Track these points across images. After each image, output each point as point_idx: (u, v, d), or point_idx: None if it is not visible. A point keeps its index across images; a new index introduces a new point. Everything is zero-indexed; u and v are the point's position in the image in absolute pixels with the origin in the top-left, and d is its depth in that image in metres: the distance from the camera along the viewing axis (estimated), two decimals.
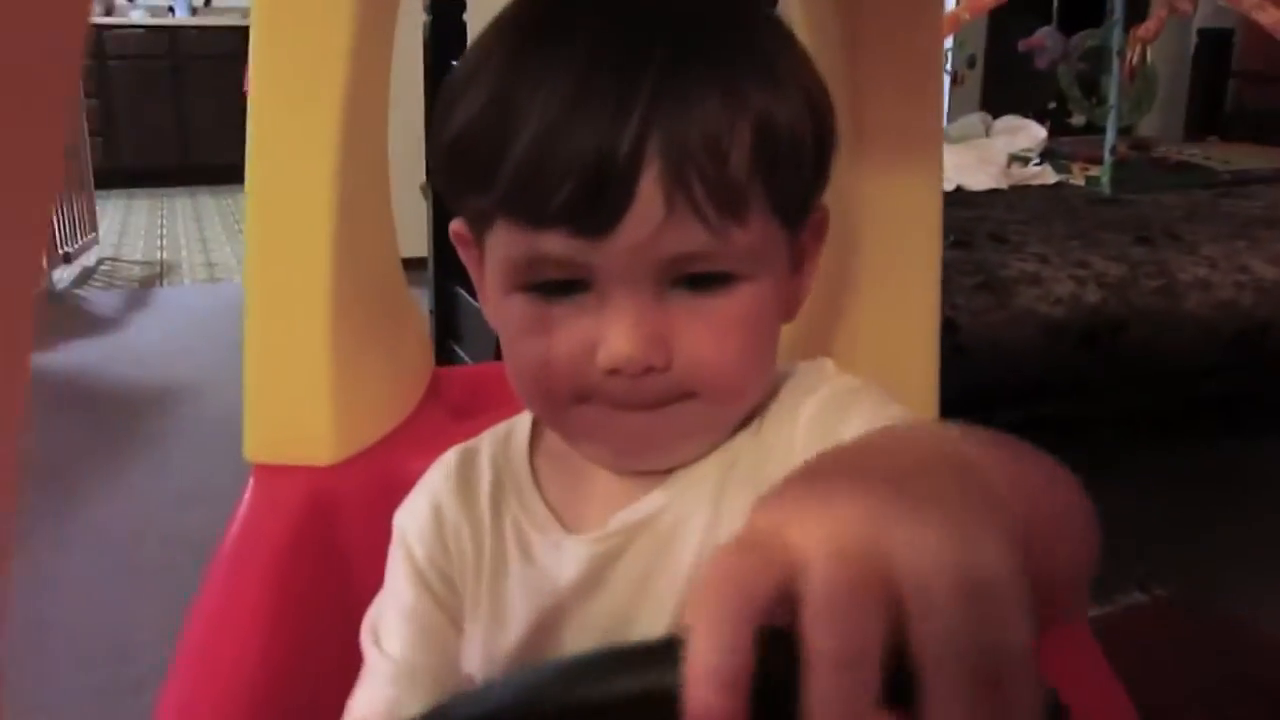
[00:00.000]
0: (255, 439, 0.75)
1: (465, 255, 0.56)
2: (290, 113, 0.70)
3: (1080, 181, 2.37)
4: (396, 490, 0.75)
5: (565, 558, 0.53)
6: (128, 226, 4.81)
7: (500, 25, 0.50)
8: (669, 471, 0.53)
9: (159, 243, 4.48)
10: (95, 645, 1.61)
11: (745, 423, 0.54)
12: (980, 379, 0.79)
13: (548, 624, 0.53)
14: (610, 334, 0.47)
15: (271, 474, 0.74)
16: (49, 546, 1.90)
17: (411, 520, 0.58)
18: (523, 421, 0.59)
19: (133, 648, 1.57)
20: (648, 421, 0.50)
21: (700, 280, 0.47)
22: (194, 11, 5.92)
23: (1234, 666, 1.53)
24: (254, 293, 0.73)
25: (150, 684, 0.62)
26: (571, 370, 0.49)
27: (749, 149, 0.46)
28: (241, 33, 5.44)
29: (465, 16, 2.44)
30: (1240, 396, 1.92)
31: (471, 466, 0.59)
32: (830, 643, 0.25)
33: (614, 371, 0.47)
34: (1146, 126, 3.19)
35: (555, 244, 0.46)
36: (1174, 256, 1.77)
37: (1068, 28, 3.02)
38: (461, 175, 0.49)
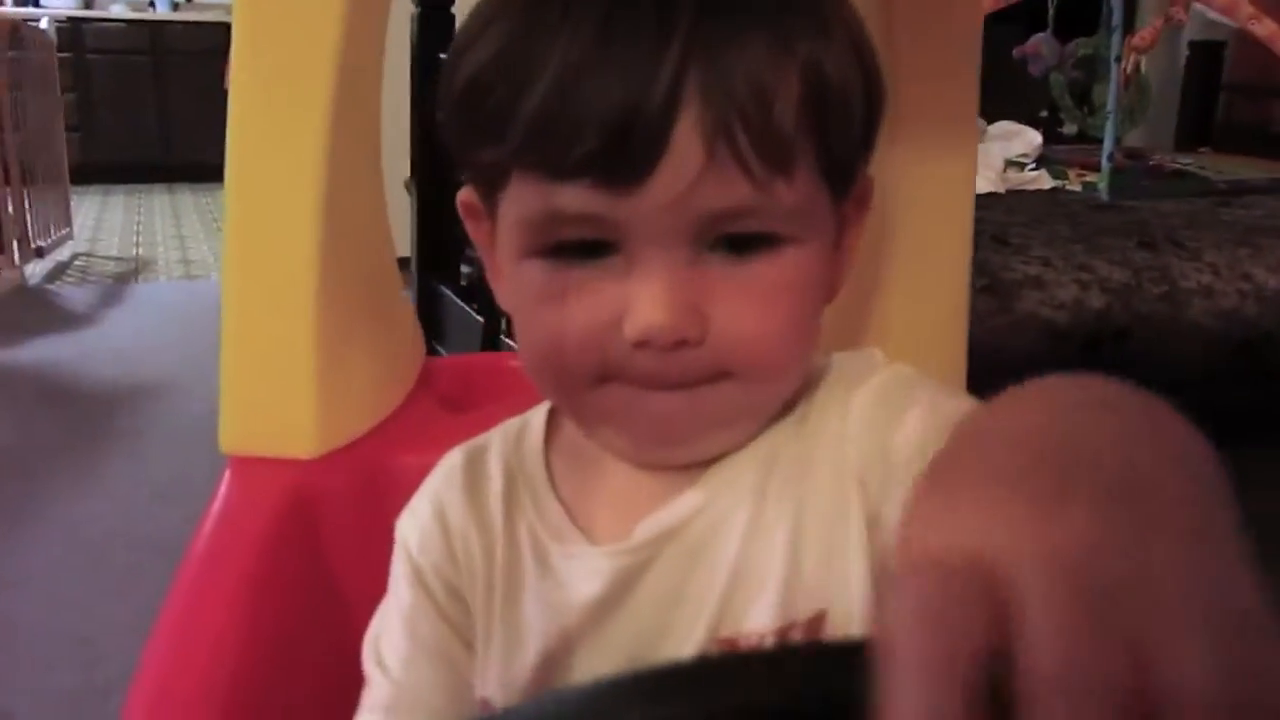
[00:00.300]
0: (232, 430, 0.70)
1: (474, 229, 0.50)
2: (274, 95, 0.66)
3: (1077, 187, 2.35)
4: (384, 485, 0.70)
5: (585, 571, 0.48)
6: (104, 222, 4.74)
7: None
8: (699, 468, 0.47)
9: (135, 239, 4.41)
10: (63, 647, 1.56)
11: (784, 412, 0.48)
12: (982, 384, 0.76)
13: (566, 644, 0.48)
14: (639, 301, 0.42)
15: (249, 467, 0.69)
16: (18, 544, 1.84)
17: (414, 527, 0.52)
18: (537, 417, 0.54)
19: (102, 650, 1.52)
20: (678, 404, 0.44)
21: (741, 241, 0.42)
22: (175, 6, 5.86)
23: None
24: (233, 274, 0.68)
25: (119, 688, 0.58)
26: (594, 343, 0.43)
27: (797, 98, 0.41)
28: (224, 28, 5.41)
29: (454, 9, 2.41)
30: (1242, 406, 1.89)
31: (479, 467, 0.53)
32: (1067, 672, 0.19)
33: (643, 344, 0.42)
34: (1136, 137, 3.18)
35: (577, 198, 0.41)
36: (1177, 263, 1.74)
37: (1062, 35, 3.01)
38: (473, 126, 0.44)
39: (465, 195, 0.50)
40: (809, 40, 0.42)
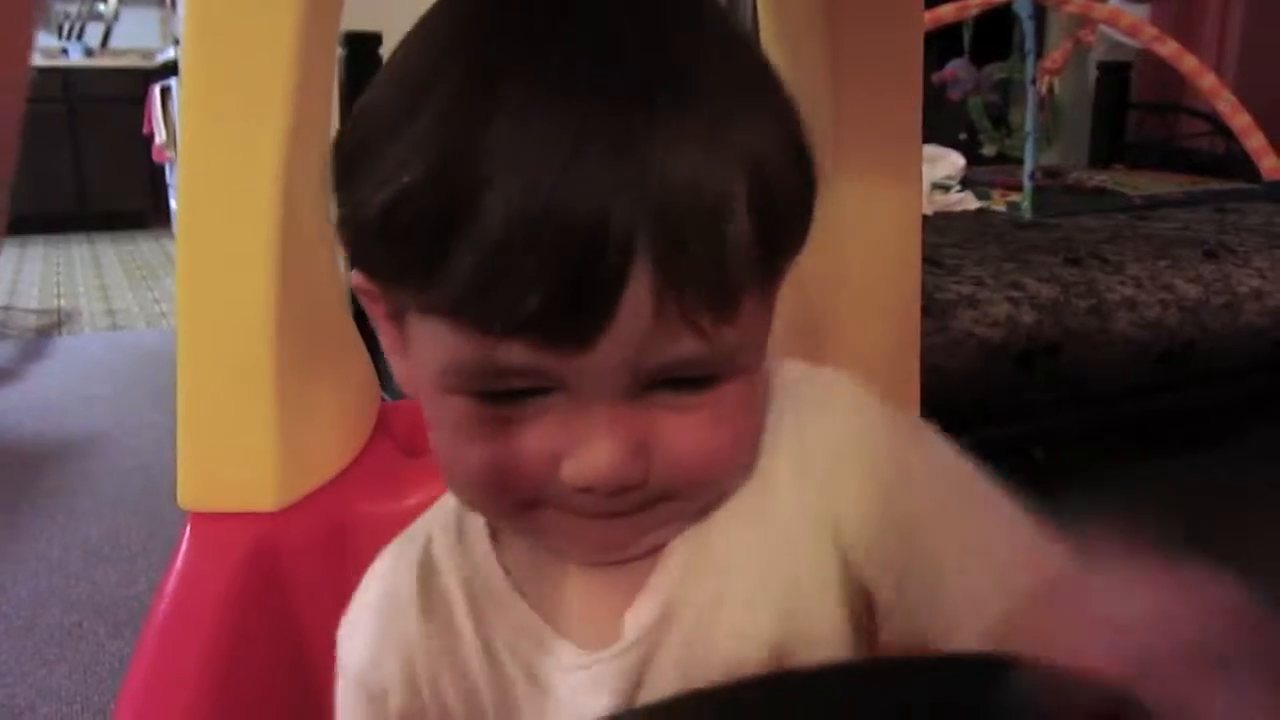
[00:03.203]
0: (191, 486, 0.69)
1: (374, 310, 0.44)
2: (225, 143, 0.65)
3: (1001, 207, 2.41)
4: (347, 534, 0.70)
5: (589, 684, 0.45)
6: (22, 274, 4.61)
7: (433, 51, 0.39)
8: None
9: (56, 290, 4.30)
10: None
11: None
12: (923, 403, 0.78)
13: None
14: (583, 449, 0.39)
15: (210, 523, 0.68)
16: None
17: (369, 663, 0.49)
18: (473, 519, 0.50)
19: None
20: (616, 528, 0.42)
21: (682, 381, 0.39)
22: (89, 53, 5.74)
23: None
24: (188, 331, 0.67)
25: None
26: (528, 482, 0.41)
27: (749, 225, 0.37)
28: (139, 75, 5.40)
29: (381, 50, 2.40)
30: (1167, 414, 1.95)
31: (433, 589, 0.49)
32: None
33: (586, 490, 0.40)
34: (1052, 156, 3.28)
35: (518, 354, 0.37)
36: (1102, 277, 1.79)
37: (978, 60, 3.10)
38: (392, 260, 0.38)
39: (360, 282, 0.43)
40: (755, 141, 0.38)
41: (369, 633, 0.49)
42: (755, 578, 0.45)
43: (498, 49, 0.37)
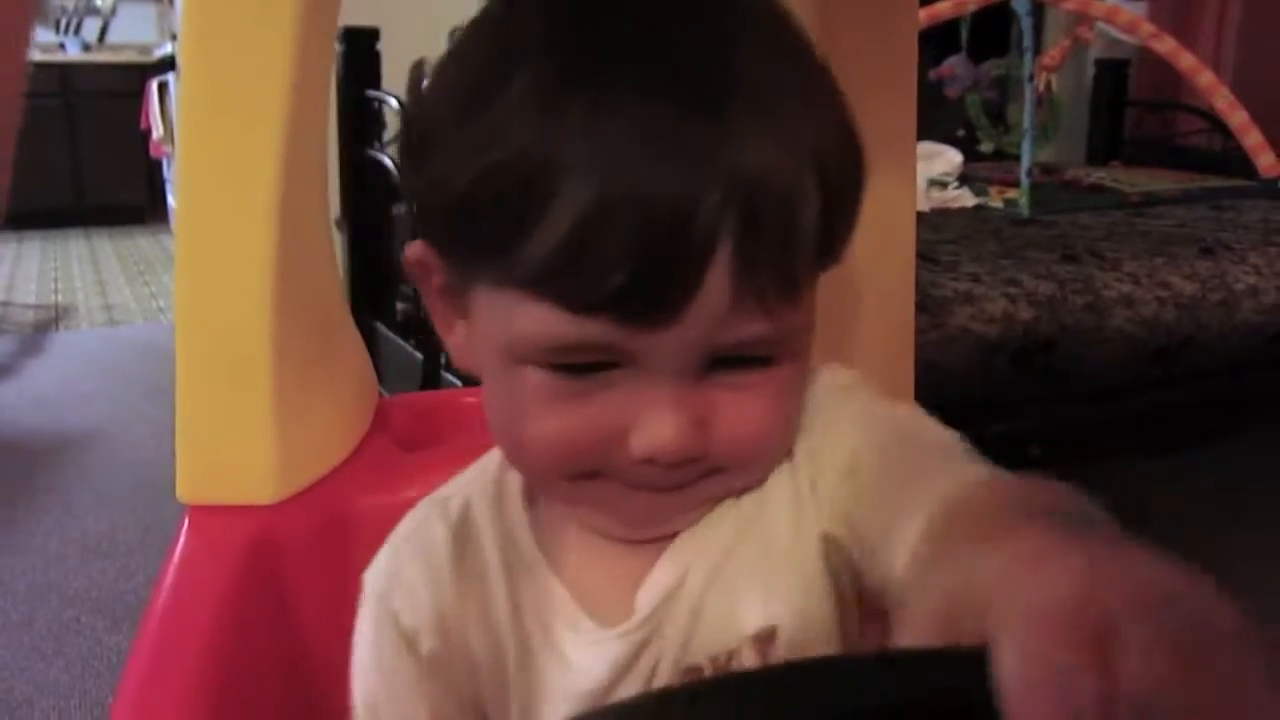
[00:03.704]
0: (189, 479, 0.69)
1: (425, 285, 0.48)
2: (224, 137, 0.65)
3: (999, 204, 2.41)
4: (345, 527, 0.70)
5: (598, 654, 0.47)
6: (19, 270, 4.61)
7: (509, 42, 0.41)
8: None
9: (54, 286, 4.30)
10: None
11: None
12: (919, 398, 0.78)
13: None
14: (652, 421, 0.41)
15: (208, 516, 0.68)
16: None
17: (409, 612, 0.49)
18: (512, 481, 0.52)
19: (30, 715, 1.46)
20: (666, 500, 0.45)
21: (741, 360, 0.42)
22: (86, 48, 5.74)
23: None
24: (186, 324, 0.67)
25: None
26: (593, 451, 0.43)
27: (816, 212, 0.40)
28: (137, 70, 5.39)
29: (379, 46, 2.40)
30: (1163, 410, 1.95)
31: (470, 550, 0.50)
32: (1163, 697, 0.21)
33: (648, 460, 0.42)
34: (1049, 153, 3.28)
35: (597, 331, 0.39)
36: (1098, 274, 1.79)
37: (975, 57, 3.10)
38: (472, 234, 0.40)
39: (419, 254, 0.46)
40: (820, 134, 0.40)
41: (406, 576, 0.50)
42: (756, 558, 0.47)
43: (576, 43, 0.39)
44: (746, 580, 0.47)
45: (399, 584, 0.50)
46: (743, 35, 0.40)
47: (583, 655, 0.48)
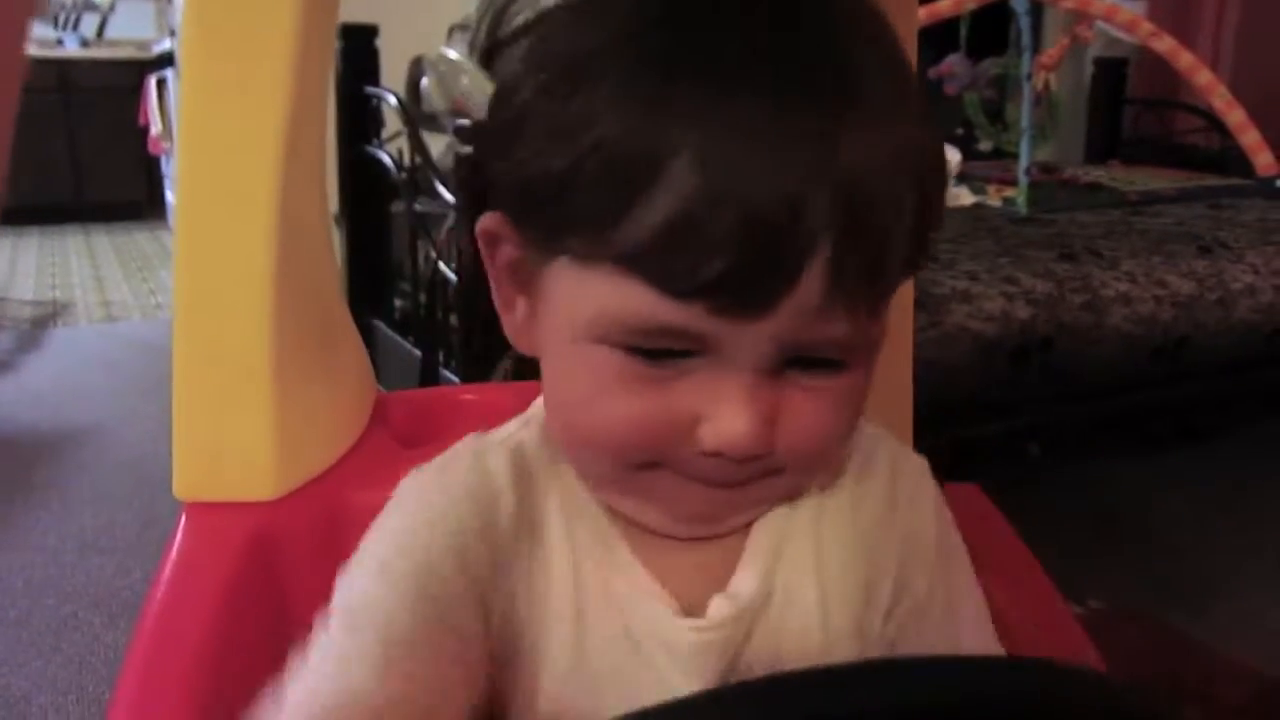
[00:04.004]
0: (186, 476, 0.69)
1: (493, 256, 0.46)
2: (224, 132, 0.65)
3: (997, 203, 2.41)
4: (343, 524, 0.70)
5: (676, 647, 0.46)
6: (17, 265, 4.60)
7: (607, 27, 0.40)
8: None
9: (51, 281, 4.29)
10: None
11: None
12: (916, 396, 0.78)
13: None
14: (726, 413, 0.41)
15: (206, 512, 0.68)
16: None
17: (468, 524, 0.46)
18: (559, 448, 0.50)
19: (28, 710, 1.46)
20: (725, 497, 0.45)
21: (817, 361, 0.42)
22: (84, 44, 5.72)
23: (1173, 676, 1.54)
24: (185, 320, 0.68)
25: None
26: (661, 440, 0.42)
27: (910, 227, 0.40)
28: (135, 66, 5.38)
29: (378, 43, 2.40)
30: (1160, 409, 1.96)
31: (531, 491, 0.48)
32: None
33: (717, 453, 0.42)
34: (1048, 152, 3.28)
35: (689, 318, 0.38)
36: (1096, 272, 1.79)
37: (974, 56, 3.10)
38: (566, 212, 0.39)
39: (493, 224, 0.45)
40: (925, 156, 0.40)
41: (462, 483, 0.47)
42: (841, 573, 0.49)
43: (685, 29, 0.38)
44: (835, 580, 0.49)
45: (450, 487, 0.47)
46: (850, 36, 0.40)
47: (656, 640, 0.47)
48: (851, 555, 0.50)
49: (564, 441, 0.47)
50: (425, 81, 2.46)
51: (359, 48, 2.34)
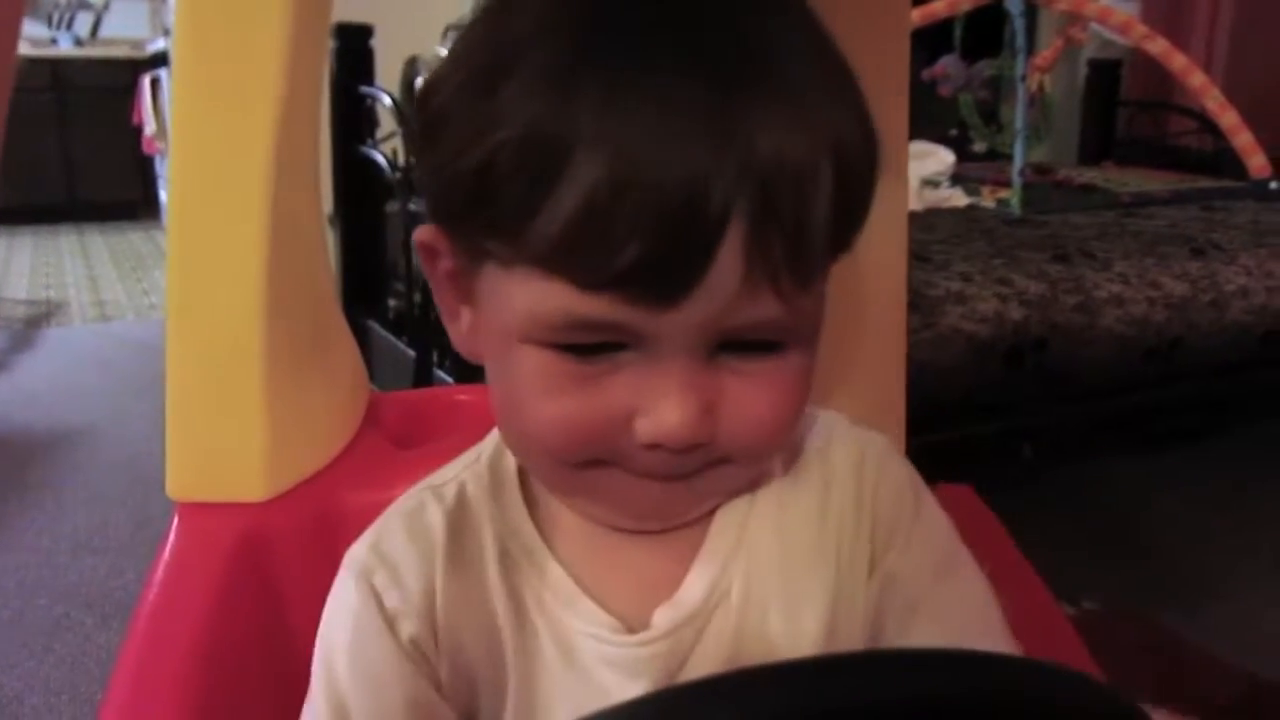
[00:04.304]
0: (179, 476, 0.69)
1: (430, 268, 0.47)
2: (217, 132, 0.65)
3: (991, 204, 2.41)
4: (336, 525, 0.70)
5: (619, 663, 0.47)
6: (11, 265, 4.59)
7: (521, 24, 0.40)
8: (697, 528, 0.49)
9: (45, 281, 4.28)
10: None
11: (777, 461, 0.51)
12: (909, 399, 0.78)
13: None
14: (660, 405, 0.40)
15: (199, 512, 0.68)
16: None
17: (393, 587, 0.48)
18: (507, 466, 0.51)
19: (19, 711, 1.46)
20: (673, 490, 0.44)
21: (750, 345, 0.42)
22: (79, 43, 5.71)
23: (1164, 677, 1.54)
24: (178, 321, 0.68)
25: None
26: (600, 437, 0.42)
27: (830, 196, 0.39)
28: (129, 65, 5.37)
29: (372, 43, 2.40)
30: (1153, 410, 1.96)
31: (466, 538, 0.49)
32: None
33: (655, 446, 0.41)
34: (1042, 153, 3.29)
35: (605, 309, 0.38)
36: (1089, 274, 1.80)
37: (969, 57, 3.10)
38: (484, 211, 0.39)
39: (428, 237, 0.46)
40: (839, 123, 0.40)
41: (393, 553, 0.49)
42: (806, 568, 0.49)
43: (592, 22, 0.38)
44: (800, 576, 0.48)
45: (385, 564, 0.48)
46: (766, 22, 0.40)
47: (598, 655, 0.47)
48: (818, 545, 0.49)
49: (512, 447, 0.48)
50: (420, 81, 2.46)
51: (353, 47, 2.34)
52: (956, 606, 0.48)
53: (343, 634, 0.48)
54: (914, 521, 0.50)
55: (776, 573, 0.48)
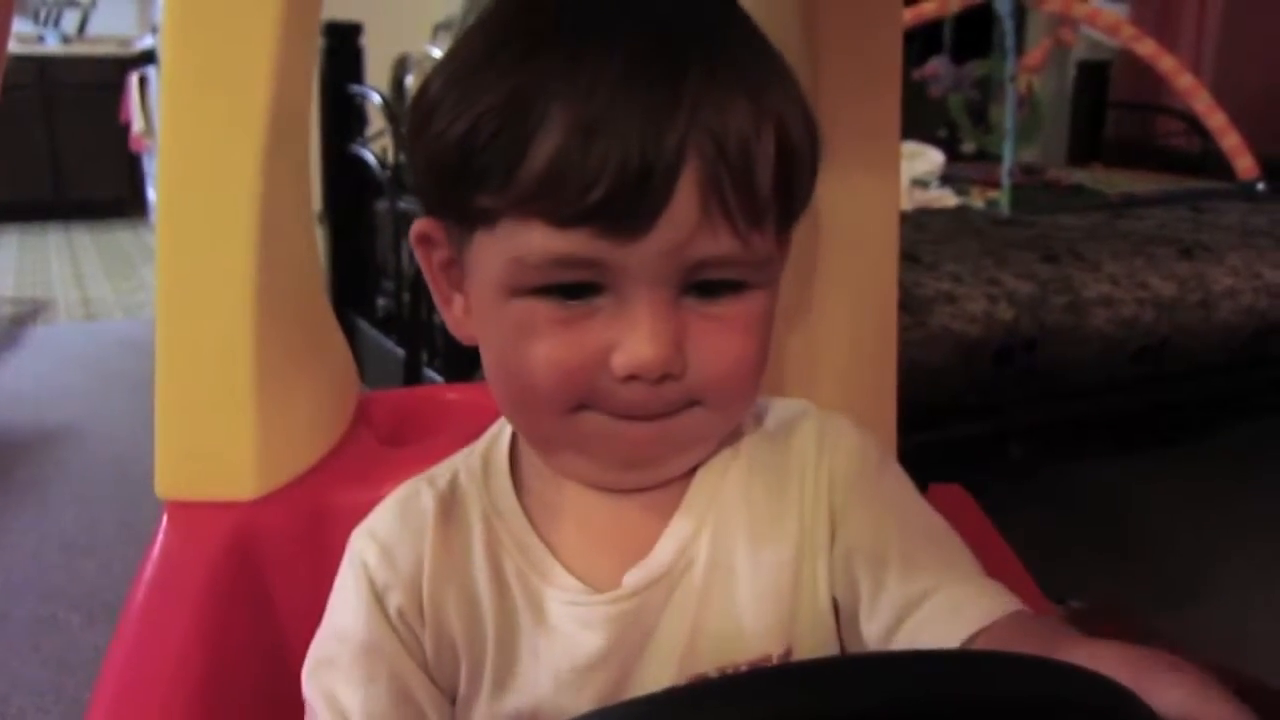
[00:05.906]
0: (168, 475, 0.69)
1: (425, 258, 0.52)
2: (206, 131, 0.65)
3: (980, 204, 2.42)
4: (325, 524, 0.70)
5: (586, 620, 0.50)
6: None
7: (495, 26, 0.47)
8: (676, 491, 0.52)
9: (31, 279, 4.26)
10: None
11: (747, 423, 0.55)
12: (899, 400, 0.78)
13: (562, 689, 0.50)
14: (632, 338, 0.45)
15: (187, 511, 0.68)
16: None
17: (383, 566, 0.52)
18: (499, 452, 0.55)
19: (5, 711, 1.45)
20: (650, 432, 0.48)
21: (713, 286, 0.46)
22: (66, 40, 5.69)
23: None
24: (166, 319, 0.67)
25: None
26: (580, 376, 0.46)
27: (773, 157, 0.45)
28: (116, 62, 5.34)
29: (361, 41, 2.39)
30: (1142, 410, 1.97)
31: (455, 519, 0.53)
32: None
33: (631, 377, 0.45)
34: (1031, 154, 3.30)
35: (581, 244, 0.43)
36: (1078, 274, 1.80)
37: (959, 57, 3.11)
38: (469, 172, 0.45)
39: (424, 227, 0.51)
40: (781, 100, 0.46)
41: (386, 534, 0.53)
42: (769, 535, 0.52)
43: (558, 17, 0.45)
44: (763, 540, 0.52)
45: (376, 541, 0.52)
46: (715, 19, 0.46)
47: (566, 616, 0.50)
48: (780, 513, 0.53)
49: (506, 408, 0.51)
50: (409, 80, 2.46)
51: (343, 46, 2.34)
52: (923, 552, 0.51)
53: (340, 602, 0.52)
54: (877, 478, 0.54)
55: (743, 539, 0.52)
